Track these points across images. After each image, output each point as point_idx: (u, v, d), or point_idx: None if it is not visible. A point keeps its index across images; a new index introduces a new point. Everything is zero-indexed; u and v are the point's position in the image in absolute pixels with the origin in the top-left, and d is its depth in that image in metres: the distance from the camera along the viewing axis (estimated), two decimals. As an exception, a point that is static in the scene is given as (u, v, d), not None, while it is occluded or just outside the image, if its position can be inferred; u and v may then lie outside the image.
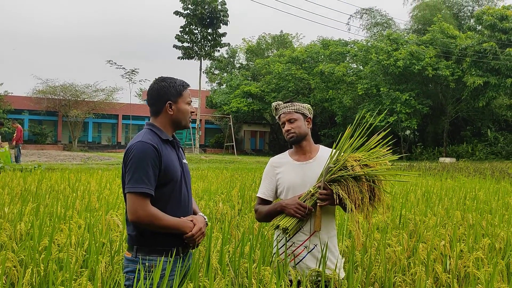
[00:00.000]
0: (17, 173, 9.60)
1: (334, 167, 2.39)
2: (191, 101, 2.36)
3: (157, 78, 2.33)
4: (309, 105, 2.64)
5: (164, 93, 2.27)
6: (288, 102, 2.59)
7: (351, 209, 2.31)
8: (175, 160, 2.26)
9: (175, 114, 2.28)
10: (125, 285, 2.14)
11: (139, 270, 2.09)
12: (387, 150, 2.46)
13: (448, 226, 4.41)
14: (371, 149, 2.47)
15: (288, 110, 2.56)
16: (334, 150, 2.49)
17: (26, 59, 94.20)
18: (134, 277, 2.09)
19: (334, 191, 2.34)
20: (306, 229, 2.46)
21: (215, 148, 40.17)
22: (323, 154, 2.56)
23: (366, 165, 2.37)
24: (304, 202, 2.40)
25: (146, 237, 2.15)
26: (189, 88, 2.35)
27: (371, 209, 2.39)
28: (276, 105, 2.62)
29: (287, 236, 2.43)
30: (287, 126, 2.55)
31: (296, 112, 2.55)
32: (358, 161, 2.38)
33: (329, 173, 2.39)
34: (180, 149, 2.40)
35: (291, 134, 2.54)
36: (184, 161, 2.38)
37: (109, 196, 5.79)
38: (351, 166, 2.35)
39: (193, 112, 2.35)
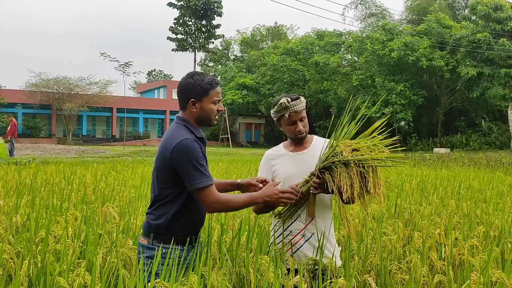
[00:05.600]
0: (11, 166, 9.55)
1: (327, 154, 2.38)
2: (220, 100, 2.33)
3: (189, 72, 2.35)
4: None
5: (189, 90, 2.28)
6: (296, 99, 2.49)
7: (347, 198, 2.30)
8: (205, 157, 2.34)
9: (198, 112, 2.29)
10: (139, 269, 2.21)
11: (155, 256, 2.15)
12: (382, 139, 2.45)
13: (443, 215, 4.44)
14: (367, 137, 2.45)
15: (299, 109, 2.48)
16: (329, 139, 2.47)
17: (19, 52, 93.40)
18: (150, 263, 2.18)
19: (326, 180, 2.33)
20: (303, 218, 2.47)
21: (210, 140, 40.13)
22: (316, 143, 2.56)
23: (357, 150, 2.35)
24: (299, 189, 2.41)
25: (165, 227, 2.24)
26: (219, 86, 2.32)
27: (367, 197, 2.37)
28: (287, 103, 2.47)
29: (283, 222, 2.44)
30: (299, 126, 2.49)
31: (304, 110, 2.51)
32: (349, 146, 2.36)
33: (322, 161, 2.39)
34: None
35: (302, 133, 2.51)
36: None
37: (105, 189, 5.78)
38: (341, 151, 2.34)
39: (221, 110, 2.34)
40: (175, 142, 2.18)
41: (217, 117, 2.36)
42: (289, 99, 2.48)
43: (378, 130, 2.45)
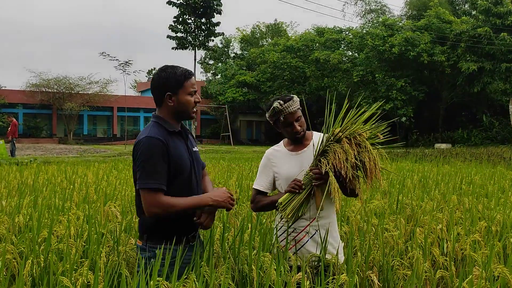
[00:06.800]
0: (13, 167, 9.58)
1: (321, 142, 2.41)
2: (195, 91, 2.27)
3: (161, 67, 2.27)
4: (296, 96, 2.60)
5: (163, 84, 2.22)
6: (289, 100, 2.49)
7: (346, 178, 2.30)
8: (184, 152, 2.25)
9: (176, 105, 2.23)
10: (137, 271, 2.18)
11: (148, 257, 2.14)
12: (381, 133, 2.45)
13: (444, 210, 4.44)
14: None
15: (294, 109, 2.47)
16: (322, 132, 2.50)
17: (18, 52, 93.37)
18: (145, 264, 2.14)
19: (321, 165, 2.34)
20: (307, 215, 2.47)
21: (211, 138, 40.13)
22: (316, 140, 2.57)
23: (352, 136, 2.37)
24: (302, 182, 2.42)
25: (156, 227, 2.19)
26: (193, 77, 2.27)
27: (364, 180, 2.36)
28: (279, 107, 2.46)
29: (286, 219, 2.44)
30: (296, 127, 2.48)
31: (299, 109, 2.51)
32: (341, 128, 2.38)
33: (318, 151, 2.40)
34: (190, 136, 2.38)
35: (301, 133, 2.51)
36: (194, 149, 2.37)
37: (107, 188, 5.79)
38: (332, 132, 2.36)
39: (198, 101, 2.29)
40: (137, 140, 2.18)
41: (195, 109, 2.30)
42: (281, 102, 2.46)
43: (374, 120, 2.46)
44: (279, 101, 2.48)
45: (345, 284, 2.10)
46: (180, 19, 30.74)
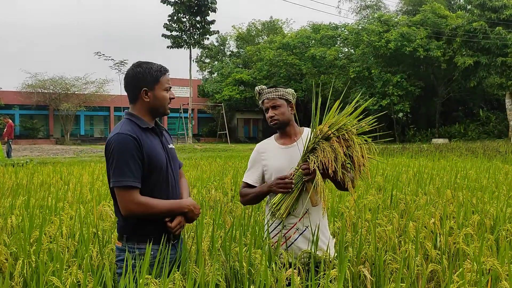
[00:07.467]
0: (8, 168, 9.56)
1: (311, 139, 2.41)
2: (170, 87, 2.26)
3: (134, 63, 2.23)
4: (293, 90, 2.63)
5: (139, 79, 2.18)
6: (272, 87, 2.56)
7: (336, 176, 2.30)
8: (159, 148, 2.21)
9: (152, 101, 2.19)
10: (117, 273, 2.15)
11: (127, 258, 2.08)
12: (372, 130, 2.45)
13: (438, 204, 4.45)
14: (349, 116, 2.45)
15: (272, 96, 2.53)
16: (311, 127, 2.50)
17: (14, 53, 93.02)
18: (125, 265, 2.06)
19: (309, 161, 2.34)
20: (297, 212, 2.47)
21: (208, 137, 40.11)
22: (306, 135, 2.57)
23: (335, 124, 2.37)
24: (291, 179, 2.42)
25: (136, 227, 2.14)
26: (168, 73, 2.25)
27: (354, 172, 2.37)
28: (259, 90, 2.59)
29: (281, 217, 2.43)
30: (270, 113, 2.53)
31: (280, 98, 2.53)
32: (328, 124, 2.39)
33: (307, 148, 2.41)
34: (165, 133, 2.35)
35: (274, 120, 2.54)
36: (170, 146, 2.34)
37: (101, 188, 5.78)
38: (320, 129, 2.36)
39: (173, 98, 2.26)
40: (108, 138, 2.14)
41: (169, 105, 2.27)
42: (263, 87, 2.58)
43: (369, 118, 2.45)
44: (261, 86, 2.60)
45: (336, 279, 2.10)
46: (175, 17, 30.66)
